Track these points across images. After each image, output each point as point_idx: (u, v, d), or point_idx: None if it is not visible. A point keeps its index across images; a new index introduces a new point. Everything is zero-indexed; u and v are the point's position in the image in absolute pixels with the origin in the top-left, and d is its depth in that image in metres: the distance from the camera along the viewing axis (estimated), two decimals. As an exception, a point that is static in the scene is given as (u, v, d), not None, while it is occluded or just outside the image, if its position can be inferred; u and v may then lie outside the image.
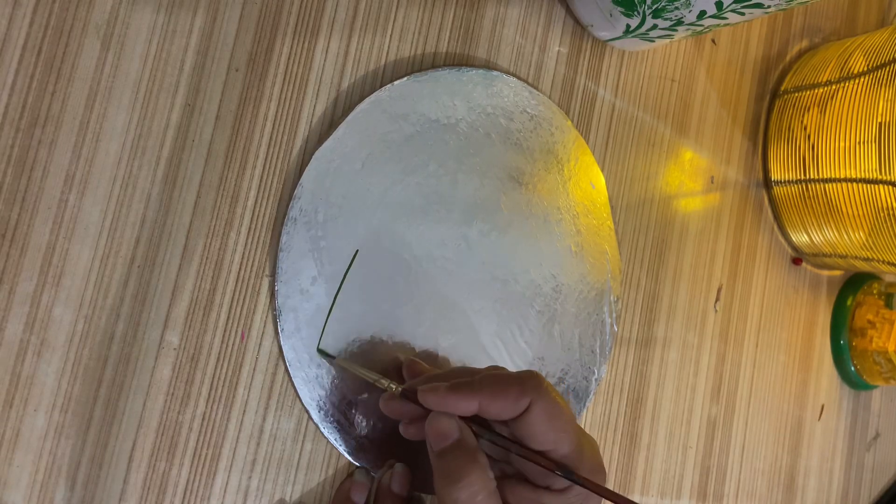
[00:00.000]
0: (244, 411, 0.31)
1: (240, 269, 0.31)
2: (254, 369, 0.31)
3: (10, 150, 0.26)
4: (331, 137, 0.32)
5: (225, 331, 0.30)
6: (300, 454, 0.32)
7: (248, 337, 0.31)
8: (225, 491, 0.30)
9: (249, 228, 0.31)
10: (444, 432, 0.28)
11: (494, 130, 0.36)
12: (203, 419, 0.30)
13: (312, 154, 0.32)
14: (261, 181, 0.31)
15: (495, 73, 0.36)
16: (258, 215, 0.31)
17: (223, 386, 0.30)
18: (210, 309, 0.30)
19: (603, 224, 0.40)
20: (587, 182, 0.40)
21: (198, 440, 0.30)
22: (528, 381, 0.28)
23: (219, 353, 0.30)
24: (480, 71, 0.36)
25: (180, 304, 0.30)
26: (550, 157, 0.38)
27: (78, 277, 0.28)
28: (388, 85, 0.33)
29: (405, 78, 0.34)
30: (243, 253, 0.31)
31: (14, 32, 0.26)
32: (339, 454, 0.33)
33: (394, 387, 0.30)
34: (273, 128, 0.32)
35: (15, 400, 0.27)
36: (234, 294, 0.31)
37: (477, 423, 0.29)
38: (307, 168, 0.31)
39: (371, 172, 0.33)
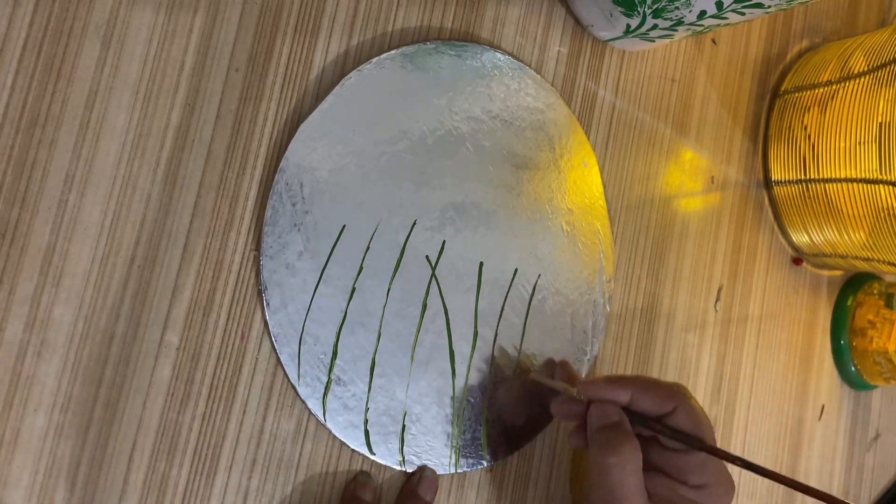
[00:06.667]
0: (244, 411, 0.31)
1: (240, 269, 0.31)
2: (254, 369, 0.31)
3: (10, 150, 0.26)
4: (317, 109, 0.32)
5: (225, 331, 0.30)
6: (300, 454, 0.32)
7: (248, 337, 0.31)
8: (225, 491, 0.30)
9: (249, 229, 0.31)
10: (606, 413, 0.32)
11: (484, 105, 0.36)
12: (203, 419, 0.30)
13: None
14: (261, 181, 0.31)
15: (486, 48, 0.36)
16: (258, 216, 0.31)
17: (223, 386, 0.30)
18: (210, 309, 0.30)
19: (595, 203, 0.40)
20: (579, 160, 0.39)
21: (198, 440, 0.30)
22: (675, 387, 0.33)
23: (219, 353, 0.30)
24: (471, 46, 0.36)
25: (180, 304, 0.30)
26: (541, 135, 0.38)
27: (78, 277, 0.28)
28: (375, 58, 0.33)
29: (393, 51, 0.34)
30: (243, 253, 0.31)
31: (14, 32, 0.26)
32: (340, 456, 0.33)
33: (574, 391, 0.34)
34: (273, 127, 0.32)
35: (15, 400, 0.27)
36: (234, 294, 0.31)
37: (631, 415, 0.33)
38: (293, 140, 0.31)
39: (358, 145, 0.33)
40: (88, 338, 0.28)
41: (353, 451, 0.33)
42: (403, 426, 0.34)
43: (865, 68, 0.45)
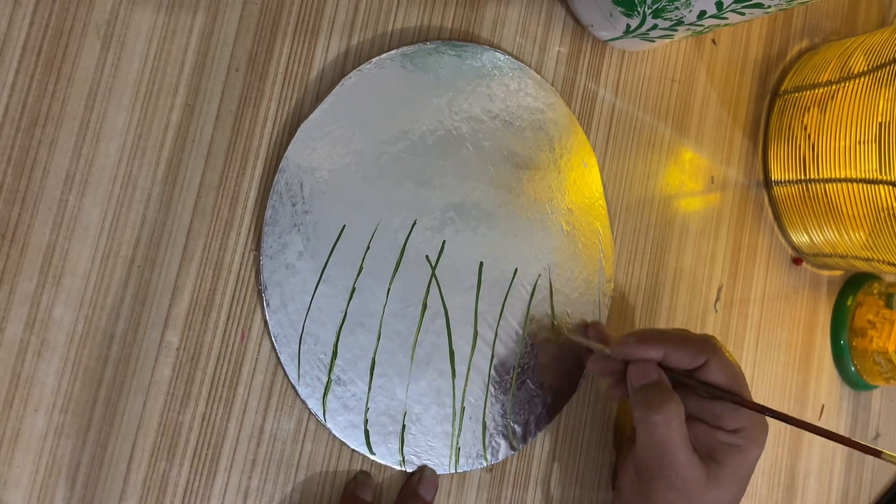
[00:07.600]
0: (244, 411, 0.31)
1: (240, 269, 0.31)
2: (254, 369, 0.31)
3: (10, 150, 0.26)
4: (317, 109, 0.32)
5: (225, 331, 0.30)
6: (300, 454, 0.32)
7: (248, 337, 0.31)
8: (225, 491, 0.30)
9: (249, 229, 0.31)
10: (645, 372, 0.34)
11: (484, 105, 0.36)
12: (203, 419, 0.30)
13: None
14: (261, 181, 0.31)
15: (486, 48, 0.36)
16: (258, 216, 0.31)
17: (223, 386, 0.30)
18: (210, 309, 0.30)
19: (595, 203, 0.40)
20: (579, 160, 0.40)
21: (198, 440, 0.30)
22: (706, 341, 0.34)
23: (219, 353, 0.30)
24: (471, 46, 0.36)
25: (180, 304, 0.30)
26: (541, 135, 0.38)
27: (78, 277, 0.28)
28: (375, 58, 0.33)
29: (393, 51, 0.34)
30: (243, 253, 0.31)
31: (14, 32, 0.26)
32: (340, 456, 0.33)
33: (607, 350, 0.36)
34: (273, 127, 0.32)
35: (15, 400, 0.27)
36: (234, 294, 0.31)
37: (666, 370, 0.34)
38: (293, 140, 0.31)
39: (358, 145, 0.33)
40: (88, 338, 0.28)
41: (353, 451, 0.33)
42: (403, 426, 0.34)
43: (865, 68, 0.45)
